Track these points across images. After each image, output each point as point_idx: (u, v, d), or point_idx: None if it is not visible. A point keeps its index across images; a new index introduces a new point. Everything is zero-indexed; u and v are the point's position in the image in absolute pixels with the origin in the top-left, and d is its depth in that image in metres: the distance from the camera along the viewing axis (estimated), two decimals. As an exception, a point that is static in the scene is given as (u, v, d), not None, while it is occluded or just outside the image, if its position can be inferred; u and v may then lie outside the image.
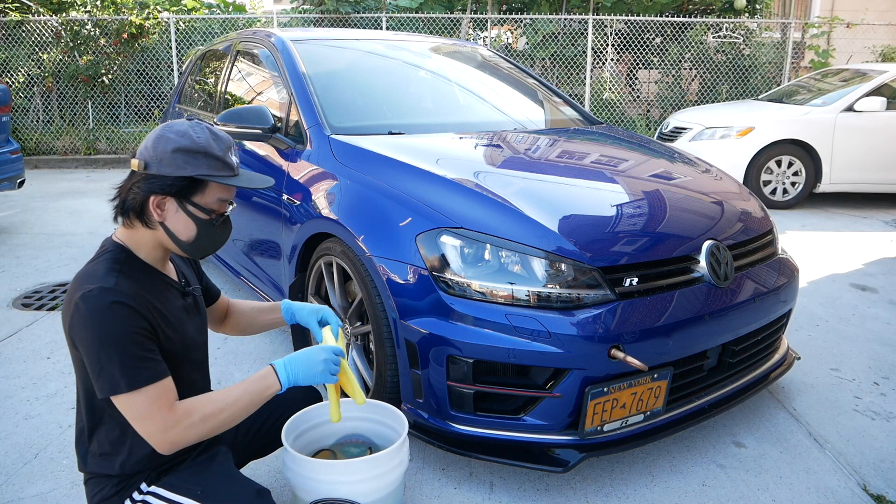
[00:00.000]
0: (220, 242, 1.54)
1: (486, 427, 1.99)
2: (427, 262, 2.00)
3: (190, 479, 1.51)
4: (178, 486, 1.49)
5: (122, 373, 1.33)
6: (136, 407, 1.35)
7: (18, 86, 8.98)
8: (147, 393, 1.35)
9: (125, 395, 1.34)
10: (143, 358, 1.35)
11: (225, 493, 1.50)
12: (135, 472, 1.48)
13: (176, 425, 1.36)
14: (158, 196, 1.41)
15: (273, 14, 9.63)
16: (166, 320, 1.46)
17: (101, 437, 1.47)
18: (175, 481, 1.50)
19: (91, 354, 1.33)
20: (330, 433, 2.00)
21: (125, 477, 1.48)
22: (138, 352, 1.35)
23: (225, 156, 1.44)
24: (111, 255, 1.44)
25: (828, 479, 2.14)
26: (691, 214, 2.31)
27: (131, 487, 1.49)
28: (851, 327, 3.42)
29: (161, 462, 1.50)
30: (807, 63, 10.26)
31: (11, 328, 3.32)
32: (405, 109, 3.17)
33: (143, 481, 1.50)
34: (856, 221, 5.89)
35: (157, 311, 1.44)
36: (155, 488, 1.49)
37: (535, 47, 9.45)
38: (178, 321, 1.51)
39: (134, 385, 1.34)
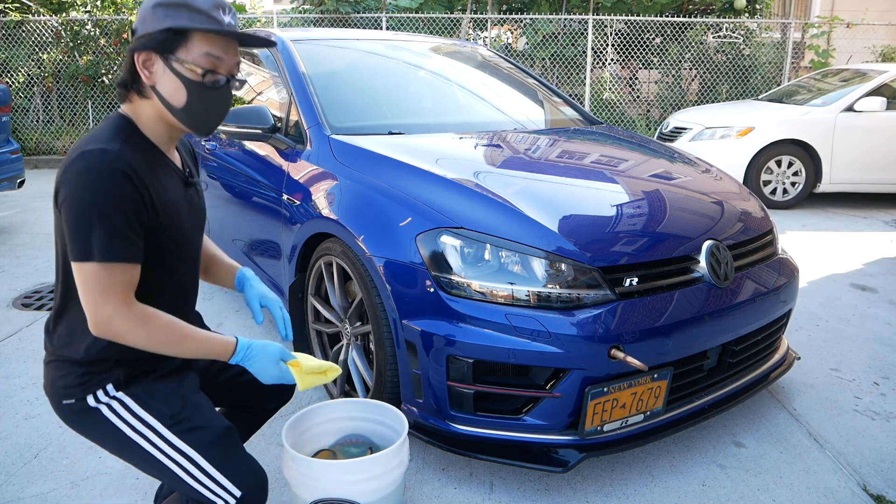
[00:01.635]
0: (218, 112, 1.41)
1: (486, 427, 1.99)
2: (427, 262, 2.00)
3: (159, 398, 1.43)
4: (147, 403, 1.42)
5: (99, 241, 1.25)
6: (97, 280, 1.27)
7: (18, 86, 8.98)
8: (114, 271, 1.27)
9: (92, 265, 1.26)
10: (125, 234, 1.28)
11: (194, 423, 1.43)
12: (100, 359, 1.39)
13: (123, 319, 1.29)
14: (142, 53, 1.33)
15: (273, 14, 9.63)
16: (163, 204, 1.37)
17: (73, 314, 1.39)
18: (143, 396, 1.42)
19: (73, 214, 1.25)
20: (330, 433, 2.00)
21: (89, 365, 1.40)
22: (123, 226, 1.27)
23: (210, 10, 1.33)
24: (116, 122, 1.36)
25: (828, 479, 2.14)
26: (691, 214, 2.31)
27: (96, 384, 1.40)
28: (851, 327, 3.42)
29: (129, 359, 1.41)
30: (807, 63, 10.26)
31: (11, 328, 3.32)
32: (405, 109, 3.17)
33: (111, 382, 1.41)
34: (856, 221, 5.89)
35: (156, 191, 1.35)
36: (122, 395, 1.41)
37: (535, 47, 9.45)
38: (175, 209, 1.42)
39: (107, 257, 1.26)
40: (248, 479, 1.44)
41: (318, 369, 1.51)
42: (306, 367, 1.48)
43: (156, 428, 1.41)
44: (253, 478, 1.45)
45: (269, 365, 1.44)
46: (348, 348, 2.40)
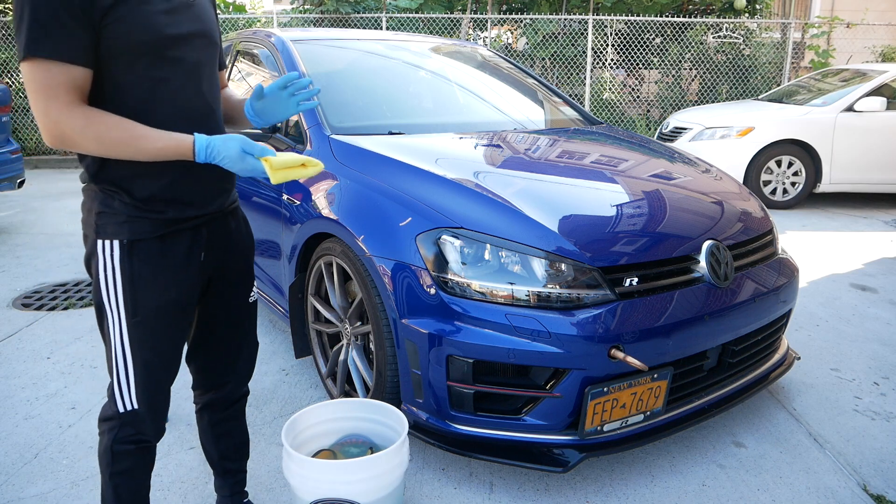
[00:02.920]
0: None
1: (486, 427, 1.99)
2: (427, 262, 2.00)
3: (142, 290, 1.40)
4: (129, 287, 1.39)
5: (26, 36, 1.20)
6: (34, 80, 1.22)
7: (19, 86, 8.98)
8: (47, 68, 1.21)
9: (25, 63, 1.21)
10: (54, 31, 1.20)
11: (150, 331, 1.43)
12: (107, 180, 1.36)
13: (68, 119, 1.24)
14: None
15: (273, 14, 9.63)
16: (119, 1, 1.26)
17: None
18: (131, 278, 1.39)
19: (16, 7, 1.22)
20: (330, 433, 2.01)
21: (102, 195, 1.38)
22: (51, 22, 1.19)
23: None
24: None
25: (828, 479, 2.14)
26: (691, 214, 2.31)
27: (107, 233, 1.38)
28: (851, 327, 3.42)
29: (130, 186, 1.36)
30: (807, 63, 10.27)
31: (11, 328, 3.32)
32: (405, 109, 3.17)
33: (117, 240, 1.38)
34: (856, 221, 5.89)
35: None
36: (117, 265, 1.38)
37: (535, 47, 9.45)
38: (141, 10, 1.30)
39: (30, 52, 1.20)
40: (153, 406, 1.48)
41: (293, 162, 1.40)
42: (277, 161, 1.38)
43: (120, 311, 1.41)
44: (155, 408, 1.49)
45: (235, 160, 1.35)
46: (348, 348, 2.40)
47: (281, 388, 2.72)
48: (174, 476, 2.12)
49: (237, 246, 1.62)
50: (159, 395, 1.50)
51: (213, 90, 1.49)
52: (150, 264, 1.41)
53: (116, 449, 1.49)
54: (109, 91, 1.32)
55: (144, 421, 1.48)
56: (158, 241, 1.41)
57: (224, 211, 1.56)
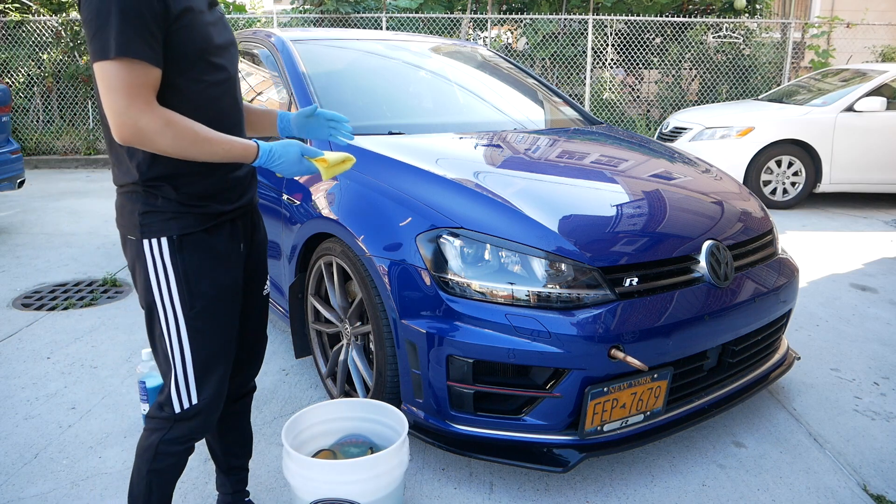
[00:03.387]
0: None
1: (486, 427, 1.99)
2: (427, 262, 2.00)
3: (195, 281, 1.46)
4: (182, 282, 1.45)
5: (116, 38, 1.25)
6: (118, 78, 1.27)
7: (18, 86, 8.98)
8: (135, 69, 1.28)
9: (112, 63, 1.27)
10: (142, 34, 1.28)
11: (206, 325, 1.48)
12: (154, 177, 1.41)
13: (148, 119, 1.30)
14: None
15: (273, 14, 9.63)
16: (183, 8, 1.35)
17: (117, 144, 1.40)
18: (184, 272, 1.45)
19: (92, 12, 1.27)
20: (330, 433, 2.01)
21: (146, 194, 1.42)
22: (140, 25, 1.27)
23: None
24: None
25: (828, 479, 2.14)
26: (691, 214, 2.31)
27: (154, 231, 1.43)
28: (851, 327, 3.42)
29: (180, 180, 1.43)
30: (807, 63, 10.27)
31: (11, 328, 3.32)
32: (405, 109, 3.17)
33: (165, 237, 1.43)
34: (856, 221, 5.89)
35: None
36: (168, 260, 1.44)
37: (535, 47, 9.45)
38: (199, 17, 1.40)
39: (123, 52, 1.26)
40: (212, 398, 1.53)
41: (340, 160, 1.57)
42: (333, 159, 1.54)
43: (175, 306, 1.46)
44: (214, 402, 1.54)
45: (293, 163, 1.48)
46: (348, 348, 2.40)
47: (281, 388, 2.72)
48: (174, 476, 2.12)
49: (259, 239, 1.71)
50: (219, 388, 1.54)
51: (240, 97, 1.59)
52: (201, 256, 1.47)
53: (162, 449, 1.53)
54: (168, 96, 1.38)
55: (200, 417, 1.53)
56: (205, 234, 1.48)
57: (252, 205, 1.65)
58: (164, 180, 1.42)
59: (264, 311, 1.78)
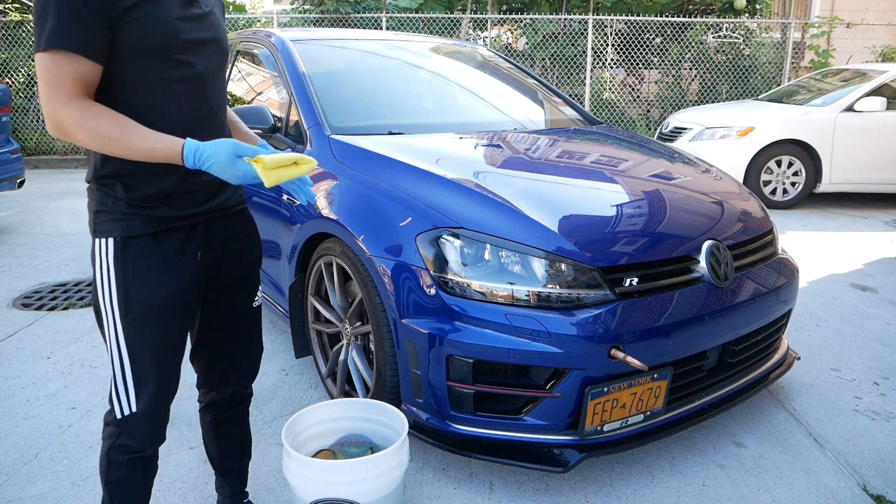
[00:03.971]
0: None
1: (486, 427, 1.99)
2: (427, 262, 2.00)
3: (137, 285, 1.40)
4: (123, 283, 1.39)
5: (48, 30, 1.24)
6: (44, 71, 1.25)
7: (18, 86, 8.98)
8: (57, 59, 1.25)
9: (39, 55, 1.25)
10: (74, 25, 1.24)
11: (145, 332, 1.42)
12: (107, 175, 1.38)
13: (68, 111, 1.26)
14: None
15: (273, 14, 9.63)
16: (142, 2, 1.30)
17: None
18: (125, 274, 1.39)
19: (37, 6, 1.26)
20: (330, 433, 2.01)
21: (99, 192, 1.40)
22: (73, 17, 1.23)
23: None
24: None
25: (828, 479, 2.14)
26: (691, 214, 2.31)
27: (103, 231, 1.39)
28: (851, 327, 3.42)
29: (130, 182, 1.38)
30: (807, 63, 10.27)
31: (11, 328, 3.32)
32: (405, 109, 3.17)
33: (112, 237, 1.39)
34: (856, 221, 5.89)
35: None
36: (112, 261, 1.39)
37: (535, 47, 9.45)
38: (162, 13, 1.33)
39: (49, 44, 1.24)
40: (151, 408, 1.46)
41: (286, 161, 1.34)
42: (269, 160, 1.32)
43: (115, 310, 1.41)
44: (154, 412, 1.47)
45: (225, 164, 1.31)
46: (348, 348, 2.40)
47: (281, 388, 2.72)
48: (174, 476, 2.12)
49: (240, 248, 1.61)
50: (156, 401, 1.47)
51: (218, 99, 1.50)
52: (143, 261, 1.40)
53: (112, 457, 1.49)
54: (119, 91, 1.34)
55: (141, 426, 1.46)
56: (151, 238, 1.41)
57: (226, 211, 1.55)
58: (116, 178, 1.38)
59: (256, 323, 1.72)
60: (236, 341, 1.68)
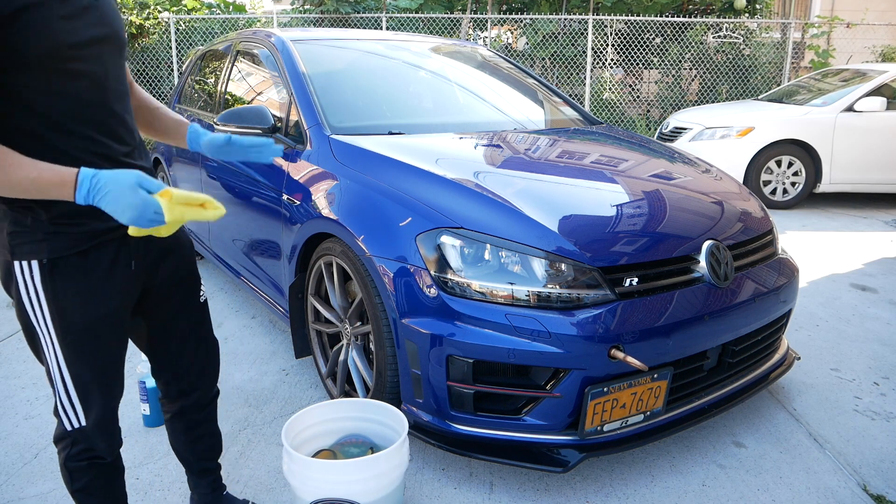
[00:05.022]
0: None
1: (486, 427, 1.99)
2: (427, 262, 2.00)
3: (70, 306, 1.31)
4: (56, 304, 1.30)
5: None
6: None
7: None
8: None
9: None
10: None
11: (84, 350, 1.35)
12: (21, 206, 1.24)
13: None
14: None
15: (273, 14, 9.63)
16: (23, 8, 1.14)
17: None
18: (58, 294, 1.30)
19: None
20: (330, 433, 2.01)
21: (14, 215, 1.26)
22: None
23: None
24: None
25: (828, 479, 2.14)
26: (691, 214, 2.31)
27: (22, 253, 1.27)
28: (851, 327, 3.42)
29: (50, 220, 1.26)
30: (807, 63, 10.27)
31: (11, 328, 3.32)
32: (405, 109, 3.17)
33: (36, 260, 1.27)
34: (856, 221, 5.89)
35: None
36: (38, 282, 1.29)
37: (535, 47, 9.45)
38: (43, 16, 1.16)
39: None
40: (101, 422, 1.43)
41: (193, 200, 1.24)
42: (178, 195, 1.21)
43: (50, 331, 1.34)
44: (104, 424, 1.44)
45: (124, 191, 1.16)
46: (348, 348, 2.40)
47: (281, 388, 2.72)
48: (174, 476, 2.12)
49: (173, 249, 1.54)
50: (105, 412, 1.43)
51: (124, 101, 1.37)
52: (74, 282, 1.31)
53: (71, 466, 1.46)
54: (15, 114, 1.20)
55: (94, 438, 1.44)
56: (80, 257, 1.31)
57: None
58: (27, 203, 1.24)
59: (206, 319, 1.68)
60: (192, 342, 1.63)
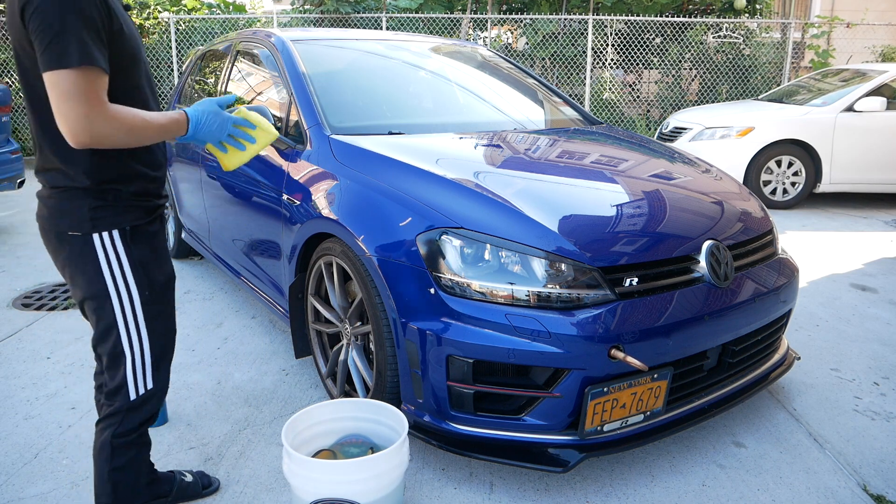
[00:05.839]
0: None
1: (486, 427, 1.99)
2: (427, 262, 2.00)
3: (151, 272, 1.58)
4: (138, 271, 1.54)
5: (76, 46, 1.30)
6: (74, 85, 1.31)
7: (18, 86, 8.96)
8: (90, 75, 1.33)
9: (68, 71, 1.30)
10: (96, 40, 1.35)
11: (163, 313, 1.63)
12: (105, 181, 1.49)
13: (103, 120, 1.34)
14: None
15: (273, 14, 9.63)
16: (119, 13, 1.45)
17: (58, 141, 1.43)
18: (139, 262, 1.55)
19: (47, 21, 1.30)
20: (330, 433, 2.01)
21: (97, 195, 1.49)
22: (93, 32, 1.34)
23: None
24: None
25: (828, 479, 2.14)
26: (691, 214, 2.31)
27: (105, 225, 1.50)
28: (851, 327, 3.42)
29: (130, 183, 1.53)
30: (807, 63, 10.27)
31: (11, 328, 3.32)
32: (405, 109, 3.17)
33: (117, 230, 1.51)
34: (856, 221, 5.89)
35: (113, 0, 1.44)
36: (122, 251, 1.52)
37: (535, 47, 9.45)
38: (127, 18, 1.50)
39: (84, 61, 1.31)
40: (164, 382, 1.67)
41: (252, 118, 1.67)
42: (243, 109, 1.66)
43: (132, 294, 1.55)
44: (165, 385, 1.69)
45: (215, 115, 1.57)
46: (348, 348, 2.40)
47: (281, 388, 2.72)
48: (174, 476, 2.12)
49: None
50: (167, 374, 1.68)
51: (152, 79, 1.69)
52: (149, 247, 1.59)
53: (116, 443, 1.59)
54: (127, 86, 1.49)
55: (153, 401, 1.63)
56: (149, 226, 1.60)
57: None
58: (116, 179, 1.51)
59: None
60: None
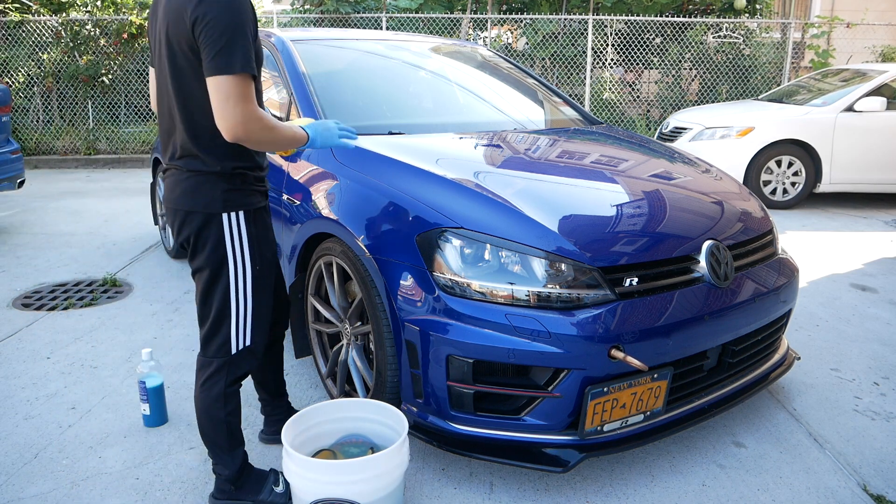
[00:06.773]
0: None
1: (486, 427, 1.99)
2: (427, 262, 2.00)
3: (263, 247, 1.85)
4: (254, 245, 1.81)
5: (240, 55, 1.55)
6: (238, 89, 1.55)
7: (18, 86, 8.98)
8: (247, 80, 1.57)
9: (232, 77, 1.54)
10: (251, 48, 1.59)
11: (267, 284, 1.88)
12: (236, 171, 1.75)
13: (254, 119, 1.58)
14: None
15: (273, 14, 9.63)
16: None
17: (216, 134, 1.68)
18: (255, 238, 1.81)
19: (216, 33, 1.53)
20: (330, 433, 2.01)
21: (230, 179, 1.75)
22: (249, 41, 1.59)
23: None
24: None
25: (828, 479, 2.14)
26: (691, 214, 2.31)
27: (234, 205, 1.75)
28: (851, 327, 3.42)
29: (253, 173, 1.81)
30: (807, 63, 10.27)
31: (11, 328, 3.32)
32: (405, 109, 3.17)
33: (243, 210, 1.77)
34: (856, 221, 5.89)
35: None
36: (244, 227, 1.78)
37: (535, 47, 9.45)
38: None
39: (246, 68, 1.56)
40: (258, 344, 1.89)
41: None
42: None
43: (246, 266, 1.80)
44: (262, 344, 1.91)
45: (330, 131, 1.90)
46: (348, 348, 2.40)
47: (281, 388, 2.71)
48: (174, 476, 2.12)
49: None
50: (264, 336, 1.91)
51: None
52: (263, 227, 1.87)
53: (228, 391, 1.84)
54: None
55: (250, 357, 1.87)
56: (264, 210, 1.88)
57: None
58: (242, 170, 1.77)
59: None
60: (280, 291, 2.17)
